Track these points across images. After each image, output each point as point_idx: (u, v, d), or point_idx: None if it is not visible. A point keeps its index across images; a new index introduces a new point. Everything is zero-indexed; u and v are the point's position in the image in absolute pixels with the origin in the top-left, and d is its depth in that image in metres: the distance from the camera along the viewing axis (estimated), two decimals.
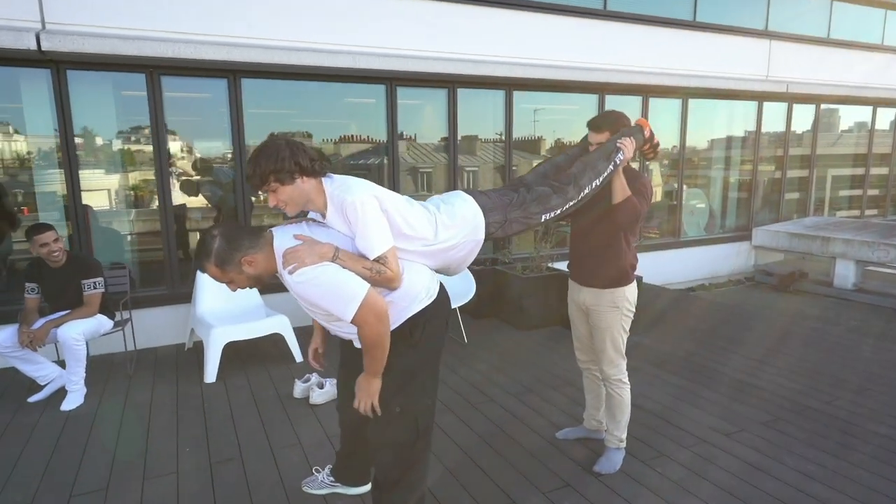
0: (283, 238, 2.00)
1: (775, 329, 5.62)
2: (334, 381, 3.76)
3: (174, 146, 5.52)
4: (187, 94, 5.43)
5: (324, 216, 2.11)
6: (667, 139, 8.29)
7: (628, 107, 7.59)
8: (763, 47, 8.43)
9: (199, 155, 5.71)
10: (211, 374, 4.43)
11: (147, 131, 5.25)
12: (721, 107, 8.62)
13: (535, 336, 5.39)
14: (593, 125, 2.82)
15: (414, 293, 2.11)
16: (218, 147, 5.70)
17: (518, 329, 5.60)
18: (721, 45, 8.03)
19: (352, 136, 6.32)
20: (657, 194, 8.51)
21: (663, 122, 8.10)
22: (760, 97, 8.70)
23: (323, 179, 2.06)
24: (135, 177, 5.44)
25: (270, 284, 2.06)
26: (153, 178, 5.31)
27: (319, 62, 5.46)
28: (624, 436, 3.10)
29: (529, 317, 5.55)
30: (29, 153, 5.03)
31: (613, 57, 7.07)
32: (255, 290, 5.13)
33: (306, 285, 1.92)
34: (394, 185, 6.30)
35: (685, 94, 7.97)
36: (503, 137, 6.87)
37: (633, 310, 2.98)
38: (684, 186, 8.46)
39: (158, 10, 4.91)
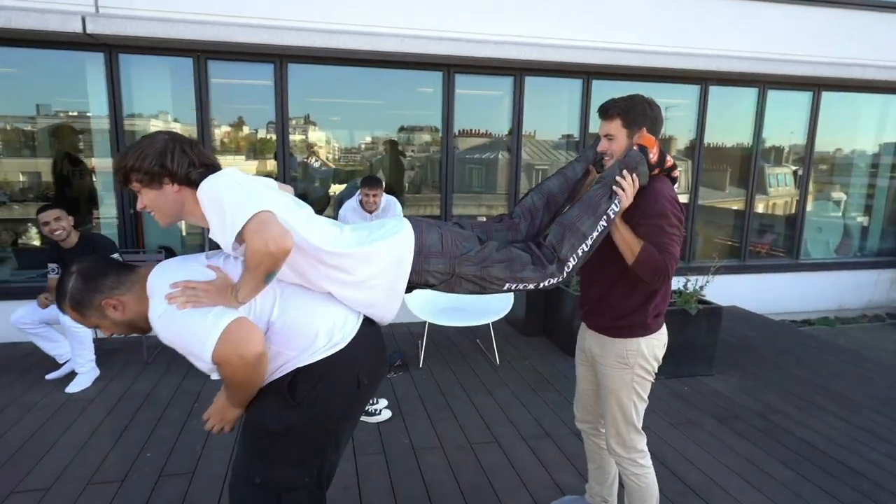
0: (165, 273, 1.58)
1: None
2: None
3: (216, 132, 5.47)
4: (235, 80, 5.32)
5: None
6: (792, 139, 6.93)
7: (739, 99, 6.43)
8: None
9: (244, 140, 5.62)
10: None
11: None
12: (868, 102, 7.02)
13: None
14: (601, 111, 2.08)
15: (307, 338, 1.59)
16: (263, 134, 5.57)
17: (566, 354, 4.84)
18: (873, 25, 6.49)
19: (417, 126, 5.94)
20: (786, 206, 7.13)
21: (787, 119, 6.76)
22: None
23: None
24: None
25: None
26: None
27: (374, 46, 5.08)
28: None
29: None
30: (89, 135, 5.20)
31: (718, 41, 5.94)
32: None
33: (160, 320, 1.50)
34: (447, 178, 5.80)
35: (817, 84, 6.56)
36: (577, 133, 6.07)
37: (654, 369, 2.13)
38: (810, 198, 7.03)
39: None
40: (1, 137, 5.14)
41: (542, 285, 1.82)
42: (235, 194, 1.45)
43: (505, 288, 1.80)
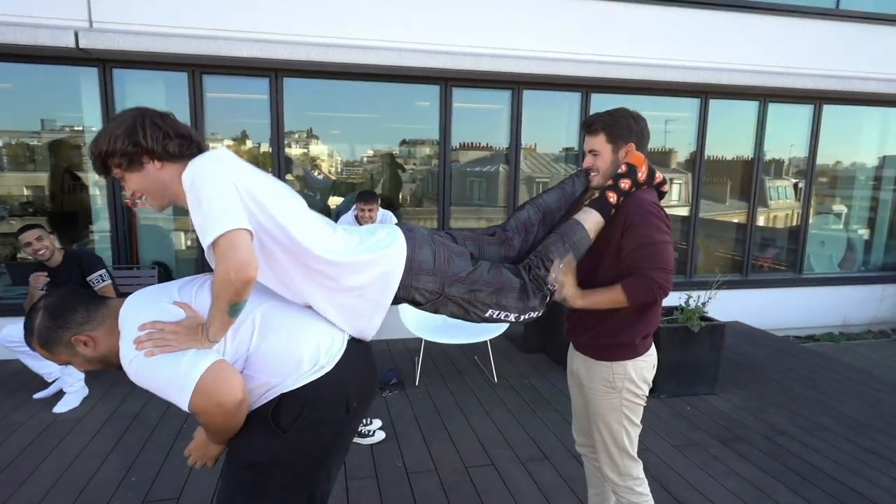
0: (136, 309, 1.49)
1: None
2: None
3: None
4: (231, 94, 5.28)
5: None
6: (792, 152, 6.87)
7: (741, 112, 6.38)
8: None
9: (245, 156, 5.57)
10: None
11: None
12: (870, 114, 6.97)
13: None
14: (585, 125, 2.02)
15: (291, 363, 1.51)
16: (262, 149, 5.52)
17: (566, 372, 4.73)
18: (874, 37, 6.44)
19: (415, 140, 5.89)
20: (787, 219, 7.05)
21: (788, 132, 6.70)
22: None
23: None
24: None
25: None
26: None
27: (361, 59, 5.03)
28: None
29: None
30: (85, 149, 5.15)
31: (719, 54, 5.89)
32: None
33: (131, 366, 1.42)
34: (444, 191, 5.74)
35: (818, 97, 6.51)
36: (577, 146, 6.02)
37: (644, 392, 2.03)
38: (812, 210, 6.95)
39: (202, 6, 4.75)
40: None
41: (522, 318, 1.80)
42: (216, 197, 1.36)
43: (486, 314, 1.76)
